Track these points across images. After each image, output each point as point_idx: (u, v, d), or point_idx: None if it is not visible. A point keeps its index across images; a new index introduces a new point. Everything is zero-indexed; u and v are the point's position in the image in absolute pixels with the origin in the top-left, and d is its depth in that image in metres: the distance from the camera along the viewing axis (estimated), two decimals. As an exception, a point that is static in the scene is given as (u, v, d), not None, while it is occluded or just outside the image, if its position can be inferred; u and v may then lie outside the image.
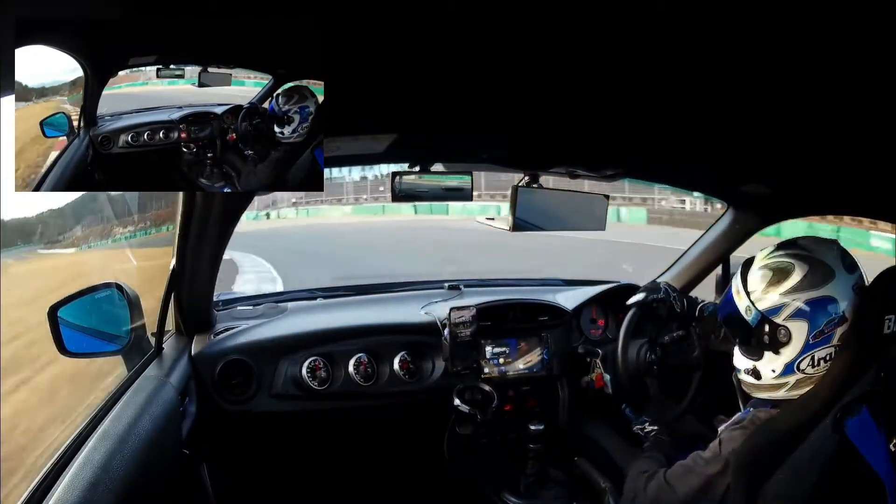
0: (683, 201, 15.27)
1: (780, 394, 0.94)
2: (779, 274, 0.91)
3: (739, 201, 1.60)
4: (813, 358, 0.89)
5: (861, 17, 0.50)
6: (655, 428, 1.31)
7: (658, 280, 1.61)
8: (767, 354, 0.93)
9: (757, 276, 0.94)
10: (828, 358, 0.88)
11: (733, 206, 1.65)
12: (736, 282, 0.97)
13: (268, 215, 21.75)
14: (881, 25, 0.51)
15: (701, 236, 1.84)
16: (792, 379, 0.91)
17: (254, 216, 20.64)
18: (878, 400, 0.85)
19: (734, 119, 0.85)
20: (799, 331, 0.88)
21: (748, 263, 0.98)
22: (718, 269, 1.84)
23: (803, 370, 0.90)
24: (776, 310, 0.90)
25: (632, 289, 1.84)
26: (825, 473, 0.84)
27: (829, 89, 0.69)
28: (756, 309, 0.92)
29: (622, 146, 1.08)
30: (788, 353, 0.90)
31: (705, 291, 1.93)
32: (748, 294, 0.94)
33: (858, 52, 0.58)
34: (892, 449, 0.83)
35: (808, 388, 0.91)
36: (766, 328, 0.91)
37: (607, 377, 1.56)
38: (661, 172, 1.46)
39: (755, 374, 0.96)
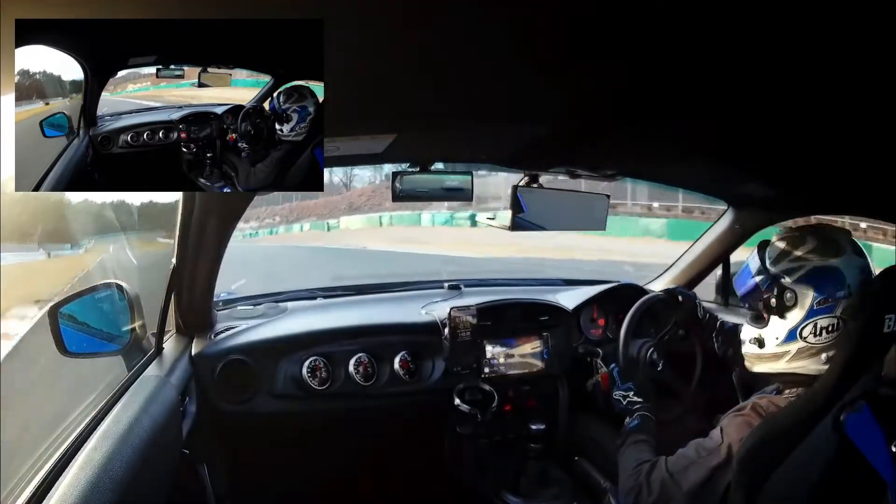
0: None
1: (781, 364, 0.96)
2: (791, 244, 0.97)
3: (739, 202, 1.61)
4: (816, 325, 0.92)
5: (861, 16, 0.50)
6: (640, 400, 1.28)
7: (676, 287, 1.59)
8: (773, 319, 0.97)
9: (772, 247, 1.00)
10: (830, 328, 0.91)
11: (733, 206, 1.65)
12: (752, 254, 1.03)
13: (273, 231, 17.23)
14: (881, 25, 0.51)
15: (701, 236, 1.84)
16: (793, 347, 0.94)
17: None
18: (879, 399, 0.85)
19: (734, 119, 0.85)
20: (804, 295, 0.92)
21: (766, 241, 1.04)
22: (718, 269, 1.85)
23: (805, 338, 0.93)
24: (785, 273, 0.95)
25: (632, 289, 1.85)
26: (826, 472, 0.85)
27: (830, 89, 0.69)
28: (767, 273, 0.97)
29: (622, 146, 1.08)
30: (793, 318, 0.94)
31: (705, 292, 1.94)
32: (762, 261, 0.99)
33: (859, 53, 0.58)
34: (894, 450, 0.83)
35: (806, 362, 0.94)
36: (775, 291, 0.95)
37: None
38: (661, 173, 1.46)
39: (759, 342, 0.99)
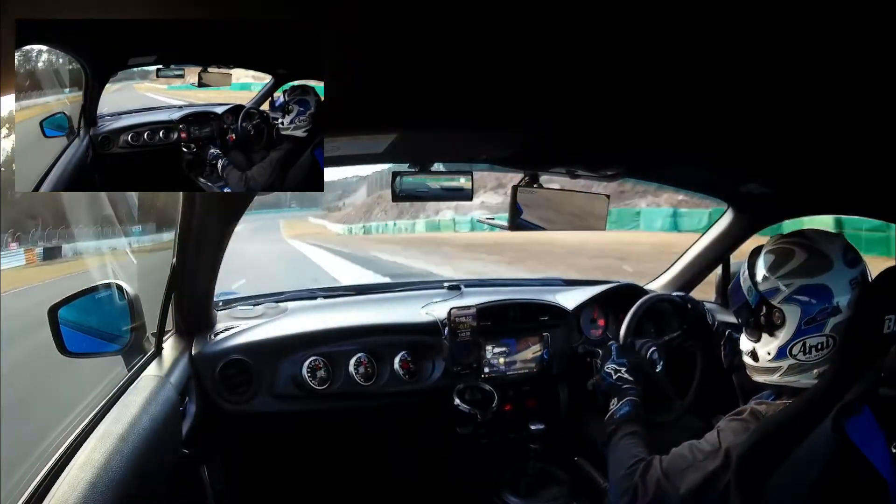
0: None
1: (775, 378, 0.96)
2: (780, 258, 0.95)
3: (739, 201, 1.61)
4: (804, 344, 0.91)
5: (861, 16, 0.50)
6: (631, 380, 1.25)
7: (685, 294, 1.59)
8: (764, 336, 0.96)
9: (761, 260, 0.98)
10: (819, 346, 0.90)
11: (733, 206, 1.65)
12: (744, 265, 1.01)
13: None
14: (881, 25, 0.51)
15: (701, 236, 1.84)
16: (784, 364, 0.94)
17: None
18: (879, 400, 0.85)
19: (734, 119, 0.85)
20: (792, 315, 0.92)
21: (758, 249, 1.01)
22: (718, 269, 1.85)
23: (795, 356, 0.92)
24: (773, 292, 0.94)
25: (632, 289, 1.85)
26: (826, 472, 0.84)
27: (830, 89, 0.69)
28: (756, 290, 0.96)
29: (622, 146, 1.08)
30: (782, 337, 0.93)
31: (706, 292, 1.94)
32: (751, 276, 0.98)
33: (859, 52, 0.58)
34: (894, 451, 0.83)
35: (798, 377, 0.93)
36: (764, 309, 0.95)
37: None
38: (662, 172, 1.46)
39: (754, 355, 1.00)
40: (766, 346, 0.96)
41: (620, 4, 0.51)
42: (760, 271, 0.97)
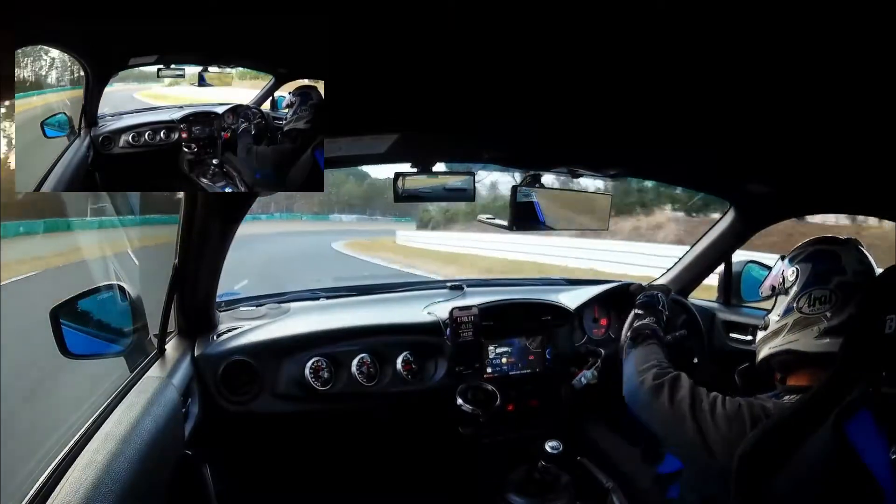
0: None
1: (779, 340, 1.03)
2: (807, 239, 1.08)
3: (741, 200, 1.60)
4: (810, 296, 1.00)
5: (862, 16, 0.50)
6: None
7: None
8: (780, 299, 1.06)
9: None
10: (823, 299, 0.98)
11: (735, 205, 1.64)
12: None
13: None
14: (882, 25, 0.51)
15: (703, 235, 1.84)
16: (790, 319, 1.02)
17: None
18: (880, 403, 0.85)
19: (736, 118, 0.85)
20: (803, 271, 1.03)
21: None
22: (720, 268, 1.85)
23: (800, 308, 1.01)
24: (793, 257, 1.07)
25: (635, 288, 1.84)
26: (825, 474, 0.84)
27: (831, 88, 0.68)
28: (784, 260, 1.09)
29: (624, 145, 1.08)
30: (792, 294, 1.03)
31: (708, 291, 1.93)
32: (783, 256, 1.10)
33: (859, 52, 0.57)
34: (893, 457, 0.82)
35: (800, 335, 0.99)
36: (784, 272, 1.07)
37: (588, 373, 1.60)
38: (663, 171, 1.46)
39: (765, 324, 1.09)
40: (778, 308, 1.06)
41: (621, 4, 0.51)
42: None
